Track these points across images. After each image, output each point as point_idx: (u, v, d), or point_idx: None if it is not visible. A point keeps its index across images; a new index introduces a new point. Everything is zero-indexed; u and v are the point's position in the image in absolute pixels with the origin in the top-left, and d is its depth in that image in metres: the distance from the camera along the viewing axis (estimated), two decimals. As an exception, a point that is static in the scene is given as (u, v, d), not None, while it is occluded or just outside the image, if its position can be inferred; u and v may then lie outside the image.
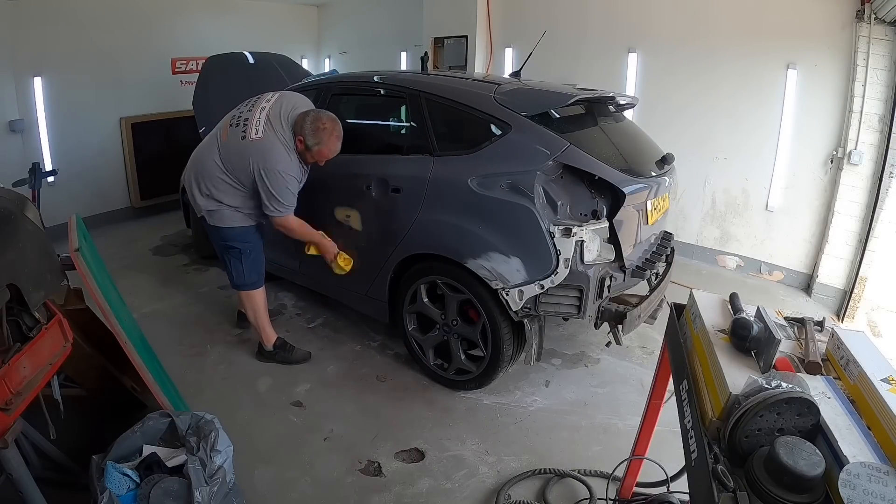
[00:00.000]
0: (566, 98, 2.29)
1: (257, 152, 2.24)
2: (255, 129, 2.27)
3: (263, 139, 2.25)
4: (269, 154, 2.24)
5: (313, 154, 2.30)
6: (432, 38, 5.01)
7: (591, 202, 2.08)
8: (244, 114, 2.35)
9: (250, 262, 2.52)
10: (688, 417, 1.08)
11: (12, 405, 1.26)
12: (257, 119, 2.29)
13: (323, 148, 2.28)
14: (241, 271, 2.52)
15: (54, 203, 3.94)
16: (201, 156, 2.41)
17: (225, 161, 2.31)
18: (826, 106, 3.38)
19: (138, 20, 4.72)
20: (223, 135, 2.36)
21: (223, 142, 2.34)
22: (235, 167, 2.29)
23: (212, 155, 2.34)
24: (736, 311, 1.19)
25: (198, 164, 2.41)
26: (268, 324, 2.64)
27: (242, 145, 2.27)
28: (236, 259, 2.50)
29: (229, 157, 2.30)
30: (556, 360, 2.72)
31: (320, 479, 1.95)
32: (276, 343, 2.65)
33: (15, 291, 1.30)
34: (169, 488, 1.36)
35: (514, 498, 1.86)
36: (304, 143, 2.27)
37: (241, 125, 2.31)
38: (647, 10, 3.96)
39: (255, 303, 2.58)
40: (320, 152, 2.29)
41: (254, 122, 2.29)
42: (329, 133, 2.27)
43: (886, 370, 0.92)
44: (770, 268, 3.83)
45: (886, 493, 0.72)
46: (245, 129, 2.29)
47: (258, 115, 2.30)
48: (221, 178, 2.33)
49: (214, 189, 2.35)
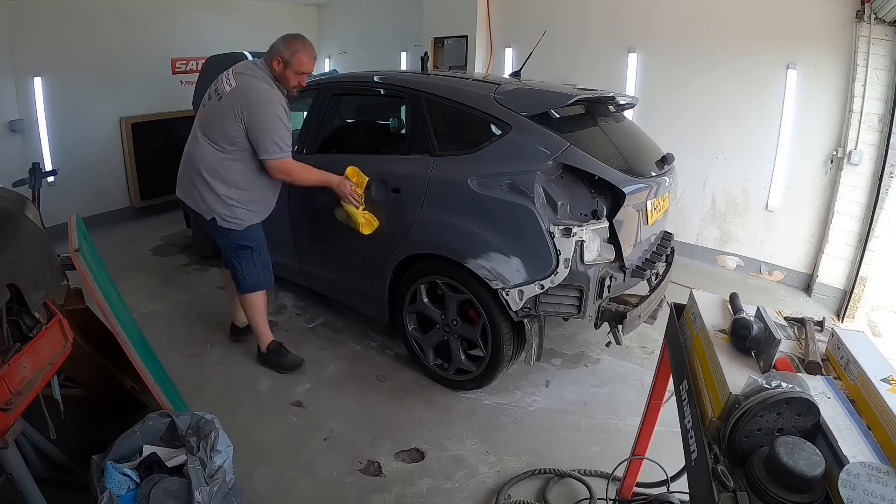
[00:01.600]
0: (566, 98, 2.29)
1: (238, 97, 2.17)
2: (228, 84, 2.22)
3: (238, 85, 2.20)
4: (250, 91, 2.18)
5: (293, 67, 2.23)
6: (432, 38, 5.01)
7: (591, 202, 2.08)
8: (211, 91, 2.31)
9: (262, 259, 2.47)
10: (688, 417, 1.08)
11: (12, 405, 1.26)
12: (225, 78, 2.26)
13: (300, 54, 2.22)
14: (253, 271, 2.45)
15: (54, 203, 3.94)
16: (191, 154, 2.33)
17: (213, 137, 2.23)
18: (826, 106, 3.38)
19: (138, 20, 4.72)
20: (199, 117, 2.32)
21: (203, 125, 2.28)
22: (225, 132, 2.20)
23: (200, 144, 2.28)
24: (736, 311, 1.19)
25: (192, 161, 2.32)
26: (265, 325, 2.60)
27: (221, 105, 2.21)
28: (247, 259, 2.42)
29: (216, 130, 2.22)
30: (556, 360, 2.72)
31: (320, 479, 1.95)
32: (271, 346, 2.59)
33: (15, 291, 1.30)
34: (169, 488, 1.36)
35: (514, 498, 1.86)
36: (281, 59, 2.21)
37: (212, 97, 2.27)
38: (648, 10, 3.96)
39: (257, 304, 2.54)
40: (300, 60, 2.23)
41: (222, 82, 2.25)
42: (302, 41, 2.24)
43: (886, 370, 0.92)
44: (770, 268, 3.83)
45: (886, 493, 0.72)
46: (218, 94, 2.24)
47: (224, 78, 2.26)
48: (222, 159, 2.24)
49: (222, 180, 2.26)
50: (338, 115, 3.02)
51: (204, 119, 2.28)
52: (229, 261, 2.47)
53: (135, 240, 4.40)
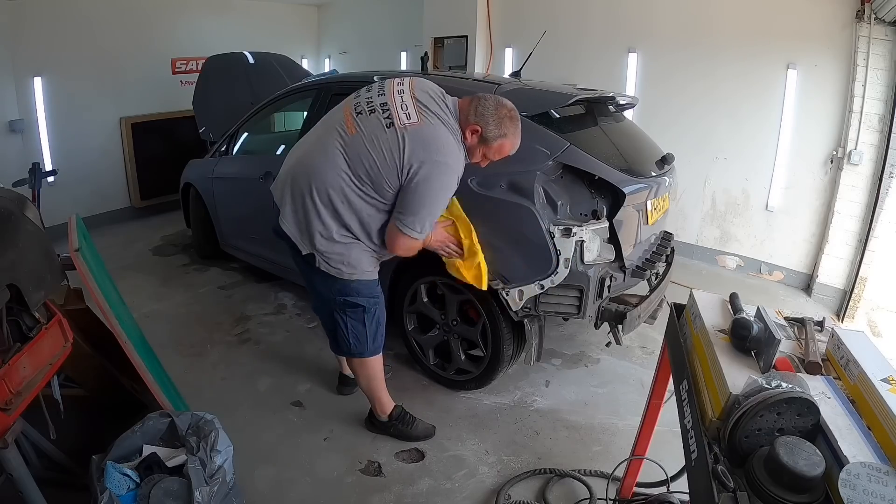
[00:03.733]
0: (566, 98, 2.29)
1: (417, 141, 1.64)
2: (406, 113, 1.67)
3: (423, 124, 1.66)
4: (435, 142, 1.66)
5: (490, 149, 1.76)
6: (432, 38, 5.01)
7: (591, 202, 2.07)
8: (374, 98, 1.73)
9: (375, 322, 1.93)
10: (688, 417, 1.08)
11: (12, 405, 1.26)
12: (402, 103, 1.69)
13: (507, 141, 1.75)
14: (362, 336, 1.92)
15: (54, 203, 3.93)
16: (312, 165, 1.74)
17: (355, 165, 1.68)
18: (826, 106, 3.38)
19: (138, 20, 4.72)
20: (348, 128, 1.72)
21: (350, 137, 1.70)
22: (378, 176, 1.67)
23: (331, 159, 1.70)
24: (736, 311, 1.19)
25: (309, 173, 1.74)
26: (385, 391, 2.11)
27: (390, 135, 1.65)
28: (357, 320, 1.89)
29: (363, 158, 1.67)
30: (556, 360, 2.72)
31: (320, 479, 1.95)
32: (394, 414, 2.12)
33: (15, 291, 1.30)
34: (169, 488, 1.36)
35: (514, 498, 1.86)
36: (480, 133, 1.72)
37: (376, 111, 1.69)
38: (648, 10, 3.96)
39: (374, 370, 2.04)
40: (502, 147, 1.76)
41: (397, 105, 1.69)
42: (516, 123, 1.76)
43: (886, 370, 0.92)
44: (770, 268, 3.83)
45: (886, 493, 0.72)
46: (388, 114, 1.68)
47: (400, 99, 1.70)
48: (352, 192, 1.71)
49: (339, 217, 1.73)
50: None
51: (355, 131, 1.71)
52: (328, 316, 1.95)
53: (135, 240, 4.40)
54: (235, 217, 3.44)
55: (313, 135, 1.86)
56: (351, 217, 1.75)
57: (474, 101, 1.74)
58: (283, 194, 1.82)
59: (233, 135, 3.45)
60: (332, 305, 1.90)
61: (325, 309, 1.96)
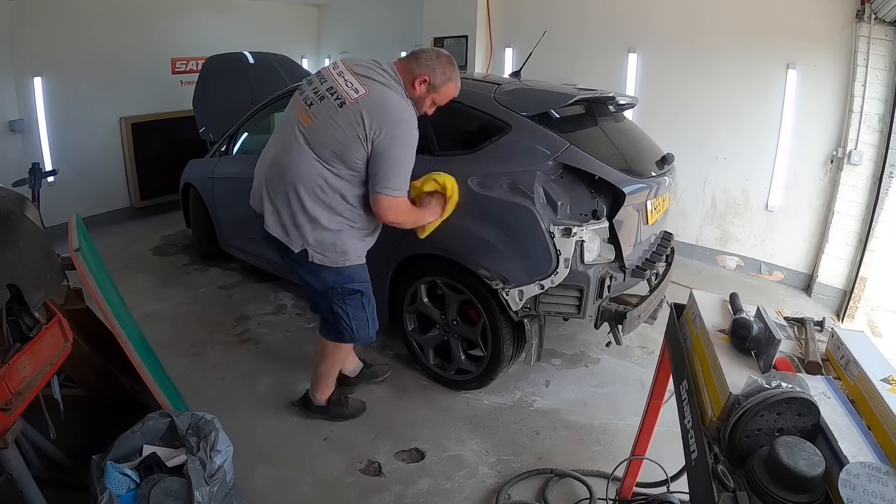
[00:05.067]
0: (566, 98, 2.29)
1: (372, 111, 1.71)
2: (353, 88, 1.73)
3: (371, 93, 1.73)
4: (388, 105, 1.74)
5: (438, 95, 1.85)
6: (432, 38, 5.01)
7: (591, 202, 2.08)
8: (320, 87, 1.80)
9: (371, 305, 2.02)
10: (688, 417, 1.09)
11: (12, 405, 1.26)
12: (345, 81, 1.76)
13: (452, 84, 1.87)
14: (363, 321, 1.99)
15: (54, 203, 3.94)
16: (284, 165, 1.81)
17: (321, 150, 1.76)
18: (826, 106, 3.38)
19: (138, 20, 4.72)
20: (304, 121, 1.79)
21: (309, 128, 1.78)
22: (345, 151, 1.74)
23: (299, 153, 1.78)
24: (736, 311, 1.19)
25: (285, 175, 1.80)
26: (335, 377, 2.24)
27: (345, 113, 1.72)
28: (356, 307, 1.96)
29: (327, 142, 1.75)
30: (556, 360, 2.72)
31: (320, 479, 1.95)
32: (332, 398, 2.24)
33: (15, 291, 1.30)
34: (169, 488, 1.36)
35: (514, 498, 1.86)
36: (429, 81, 1.80)
37: (326, 97, 1.76)
38: (648, 10, 3.96)
39: (343, 355, 2.17)
40: (448, 91, 1.87)
41: (342, 84, 1.75)
42: (455, 67, 1.87)
43: (886, 370, 0.92)
44: (770, 268, 3.83)
45: (886, 493, 0.72)
46: (336, 95, 1.74)
47: (343, 79, 1.77)
48: (329, 174, 1.78)
49: (325, 206, 1.81)
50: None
51: (312, 122, 1.78)
52: (327, 310, 1.98)
53: (135, 240, 4.40)
54: (235, 217, 3.44)
55: (276, 140, 1.93)
56: (335, 199, 1.82)
57: (412, 56, 1.85)
58: (262, 201, 1.89)
59: (233, 135, 3.45)
60: (331, 299, 1.95)
61: (324, 304, 1.99)
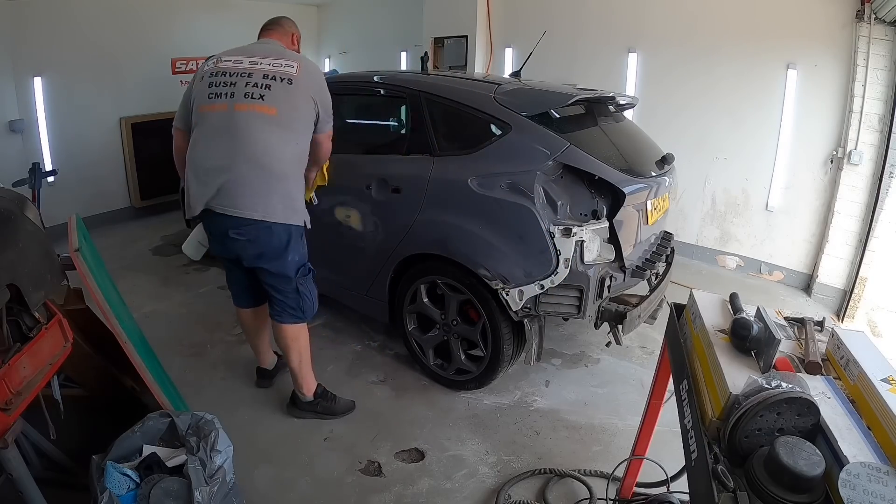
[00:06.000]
0: (566, 98, 2.29)
1: (311, 79, 1.94)
2: (286, 66, 1.91)
3: (300, 66, 1.92)
4: (314, 70, 2.01)
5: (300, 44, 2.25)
6: (432, 38, 5.01)
7: (591, 202, 2.08)
8: (258, 79, 1.87)
9: (313, 276, 2.14)
10: (688, 417, 1.08)
11: (12, 405, 1.25)
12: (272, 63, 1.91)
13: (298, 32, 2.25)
14: (315, 294, 2.13)
15: (54, 203, 3.93)
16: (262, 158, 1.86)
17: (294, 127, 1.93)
18: (826, 106, 3.38)
19: (138, 20, 4.72)
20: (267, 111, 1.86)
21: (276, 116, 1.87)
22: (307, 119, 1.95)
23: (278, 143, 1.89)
24: (736, 311, 1.19)
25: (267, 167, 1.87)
26: (311, 368, 2.23)
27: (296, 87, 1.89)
28: (310, 280, 2.08)
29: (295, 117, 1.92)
30: (556, 360, 2.72)
31: (320, 479, 1.95)
32: (318, 391, 2.24)
33: (15, 291, 1.30)
34: (169, 488, 1.36)
35: (514, 498, 1.86)
36: (298, 38, 2.20)
37: (271, 84, 1.87)
38: (648, 10, 3.96)
39: (307, 338, 2.17)
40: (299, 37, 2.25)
41: (272, 67, 1.90)
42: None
43: (886, 370, 0.92)
44: (770, 268, 3.83)
45: (886, 493, 0.72)
46: (279, 78, 1.88)
47: (269, 64, 1.91)
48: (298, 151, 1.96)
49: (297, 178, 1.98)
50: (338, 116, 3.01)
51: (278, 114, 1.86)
52: (296, 289, 2.05)
53: (135, 240, 4.40)
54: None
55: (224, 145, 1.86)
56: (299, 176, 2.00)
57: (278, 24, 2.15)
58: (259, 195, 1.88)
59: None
60: (294, 280, 2.04)
61: (289, 288, 2.05)
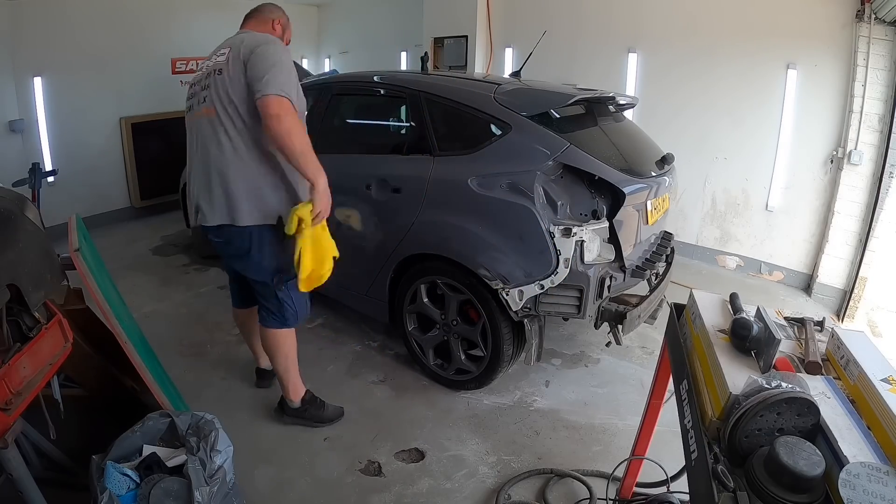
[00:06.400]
0: (566, 98, 2.29)
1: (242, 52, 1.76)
2: (221, 57, 1.81)
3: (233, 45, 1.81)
4: (249, 40, 1.80)
5: (288, 33, 2.09)
6: (432, 38, 5.01)
7: (591, 202, 2.08)
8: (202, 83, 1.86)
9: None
10: (688, 417, 1.08)
11: (12, 405, 1.25)
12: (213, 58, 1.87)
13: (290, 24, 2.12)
14: (302, 301, 2.05)
15: (54, 203, 3.93)
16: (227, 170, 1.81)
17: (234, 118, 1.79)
18: (826, 106, 3.38)
19: (138, 20, 4.72)
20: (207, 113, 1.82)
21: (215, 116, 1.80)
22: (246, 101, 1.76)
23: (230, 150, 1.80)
24: (736, 311, 1.19)
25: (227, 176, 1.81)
26: (299, 373, 2.18)
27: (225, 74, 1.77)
28: (291, 288, 1.97)
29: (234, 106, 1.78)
30: (556, 360, 2.72)
31: (320, 479, 1.95)
32: (306, 397, 2.20)
33: (15, 291, 1.30)
34: (169, 488, 1.36)
35: (514, 498, 1.86)
36: (282, 23, 2.06)
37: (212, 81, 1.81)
38: (648, 10, 3.96)
39: (293, 344, 2.12)
40: (290, 23, 2.12)
41: (216, 60, 1.83)
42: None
43: (886, 370, 0.92)
44: (770, 268, 3.83)
45: (886, 493, 0.72)
46: (219, 71, 1.79)
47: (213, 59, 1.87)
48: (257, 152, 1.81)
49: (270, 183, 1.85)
50: (338, 116, 3.01)
51: (214, 114, 1.79)
52: (275, 295, 1.99)
53: (135, 240, 4.40)
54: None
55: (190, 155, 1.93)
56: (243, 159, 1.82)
57: (258, 12, 2.08)
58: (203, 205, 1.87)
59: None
60: (275, 286, 1.97)
61: (268, 293, 2.00)
